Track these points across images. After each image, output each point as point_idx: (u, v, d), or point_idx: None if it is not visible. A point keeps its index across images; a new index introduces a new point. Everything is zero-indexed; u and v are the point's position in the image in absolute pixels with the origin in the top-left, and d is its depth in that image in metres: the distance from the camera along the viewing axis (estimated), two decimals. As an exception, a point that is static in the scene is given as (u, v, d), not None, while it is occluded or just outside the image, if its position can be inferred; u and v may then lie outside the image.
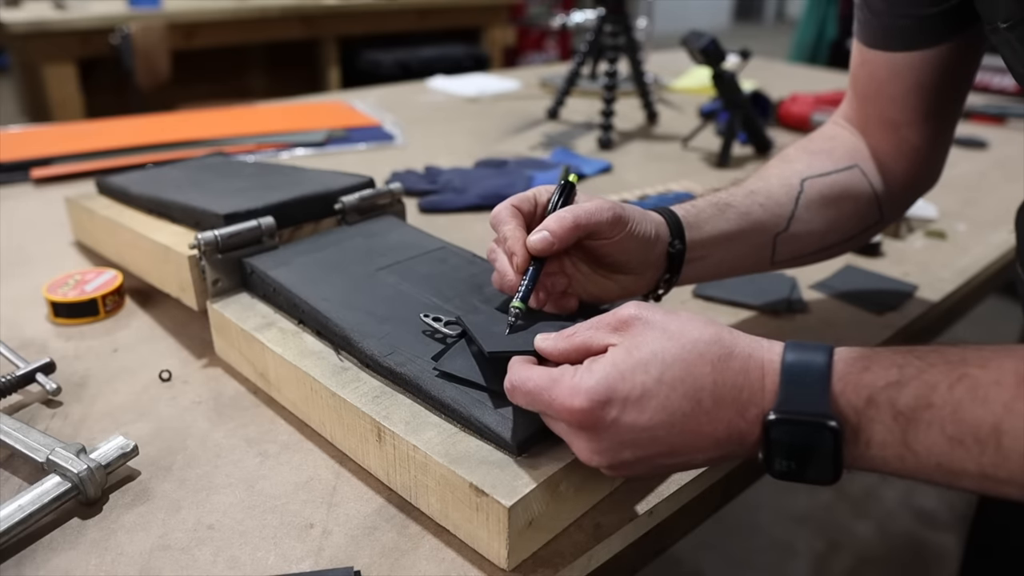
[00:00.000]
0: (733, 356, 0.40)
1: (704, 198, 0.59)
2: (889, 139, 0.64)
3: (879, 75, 0.62)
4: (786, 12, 10.38)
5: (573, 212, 0.49)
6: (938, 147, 0.65)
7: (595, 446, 0.40)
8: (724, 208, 0.58)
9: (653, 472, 0.42)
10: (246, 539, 0.45)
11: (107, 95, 2.83)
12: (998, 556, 0.82)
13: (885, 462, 0.38)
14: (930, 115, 0.62)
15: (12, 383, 0.57)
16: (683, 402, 0.39)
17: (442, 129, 1.40)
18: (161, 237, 0.67)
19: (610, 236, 0.51)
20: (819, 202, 0.61)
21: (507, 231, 0.51)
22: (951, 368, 0.36)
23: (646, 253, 0.53)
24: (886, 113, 0.63)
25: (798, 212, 0.61)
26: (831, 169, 0.63)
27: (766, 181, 0.62)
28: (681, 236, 0.55)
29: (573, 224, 0.49)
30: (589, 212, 0.50)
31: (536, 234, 0.49)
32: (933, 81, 0.60)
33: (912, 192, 0.68)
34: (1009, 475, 0.35)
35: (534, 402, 0.41)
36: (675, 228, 0.55)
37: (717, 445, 0.40)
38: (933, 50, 0.59)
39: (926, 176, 0.67)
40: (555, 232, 0.49)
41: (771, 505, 1.79)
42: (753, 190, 0.60)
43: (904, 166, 0.64)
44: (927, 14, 0.57)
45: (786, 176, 0.62)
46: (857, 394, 0.37)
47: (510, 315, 0.49)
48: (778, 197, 0.60)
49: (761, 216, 0.59)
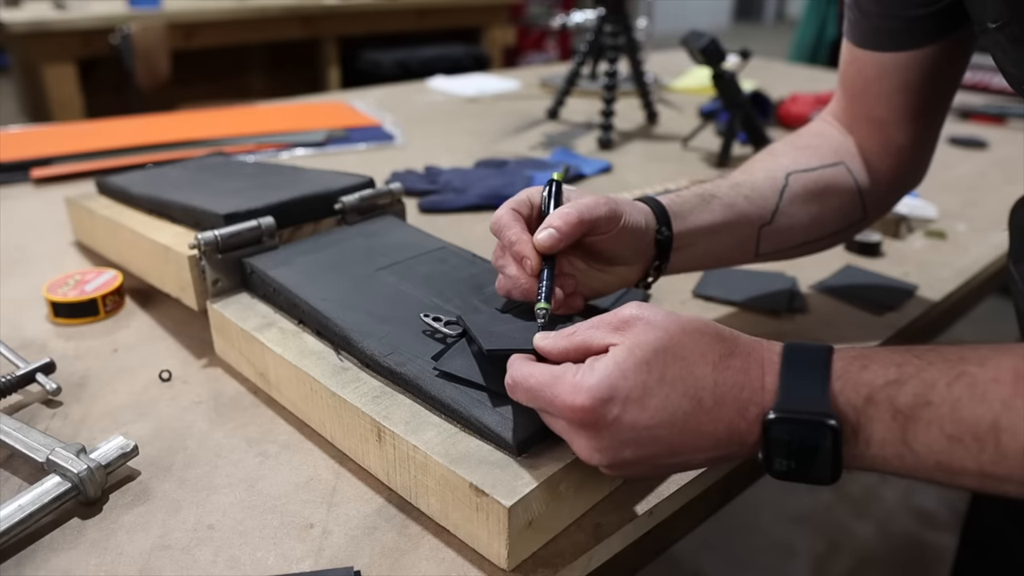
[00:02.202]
0: (734, 355, 0.40)
1: (688, 189, 0.60)
2: (876, 137, 0.65)
3: (867, 74, 0.63)
4: (786, 12, 10.39)
5: (576, 207, 0.50)
6: (924, 146, 0.66)
7: (596, 444, 0.40)
8: (709, 199, 0.59)
9: (653, 472, 0.42)
10: (246, 539, 0.45)
11: (107, 95, 2.83)
12: (991, 555, 0.82)
13: (885, 461, 0.38)
14: (917, 114, 0.63)
15: (12, 383, 0.57)
16: (684, 401, 0.39)
17: (442, 129, 1.40)
18: (161, 237, 0.67)
19: (607, 230, 0.51)
20: (803, 196, 0.62)
21: (512, 235, 0.51)
22: (949, 366, 0.36)
23: (638, 243, 0.54)
24: (873, 111, 0.64)
25: (782, 205, 0.61)
26: (816, 165, 0.64)
27: (751, 174, 0.62)
28: (667, 223, 0.56)
29: (578, 219, 0.50)
30: (590, 207, 0.50)
31: (542, 232, 0.50)
32: (920, 81, 0.61)
33: (897, 190, 0.69)
34: (1008, 472, 0.35)
35: (535, 399, 0.41)
36: (661, 216, 0.56)
37: (717, 445, 0.40)
38: (921, 51, 0.59)
39: (911, 175, 0.68)
40: (561, 228, 0.49)
41: (771, 505, 1.79)
42: (738, 182, 0.61)
43: (890, 164, 0.65)
44: (917, 15, 0.57)
45: (771, 169, 0.63)
46: (856, 392, 0.37)
47: (538, 317, 0.48)
48: (763, 190, 0.61)
49: (746, 208, 0.60)
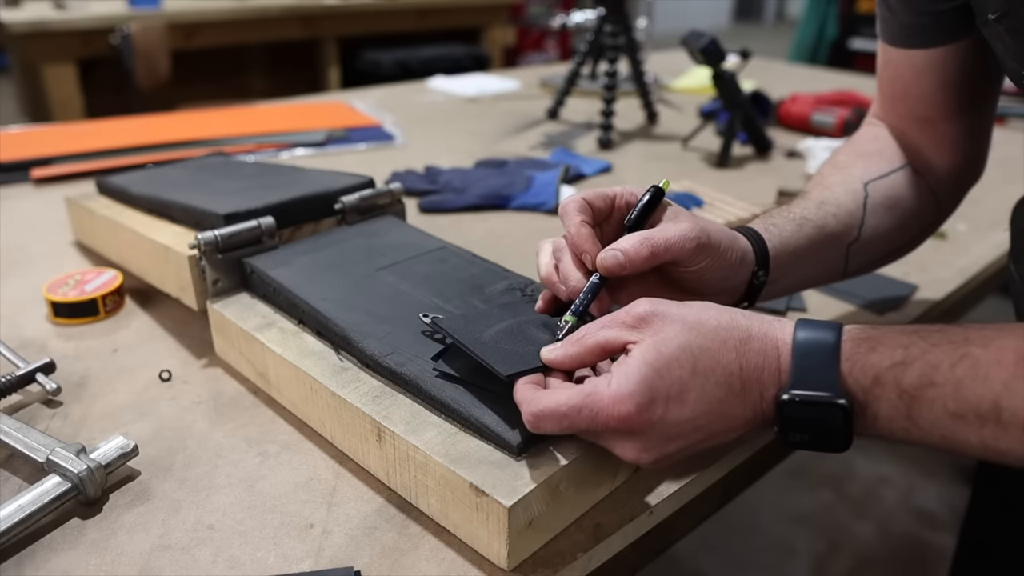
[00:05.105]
0: (752, 338, 0.41)
1: (779, 214, 0.57)
2: (927, 135, 0.63)
3: (904, 75, 0.62)
4: (786, 12, 10.38)
5: (652, 241, 0.47)
6: (979, 136, 0.64)
7: (642, 445, 0.41)
8: (802, 223, 0.56)
9: (688, 457, 0.43)
10: (246, 539, 0.45)
11: (107, 95, 2.83)
12: (991, 555, 0.82)
13: (891, 433, 0.40)
14: (963, 109, 0.61)
15: (12, 383, 0.57)
16: (717, 389, 0.40)
17: (442, 129, 1.40)
18: (161, 237, 0.67)
19: (689, 265, 0.49)
20: (884, 204, 0.60)
21: (571, 225, 0.49)
22: (954, 348, 0.38)
23: (727, 281, 0.51)
24: (917, 111, 0.62)
25: (867, 219, 0.59)
26: (888, 170, 0.62)
27: (831, 189, 0.60)
28: (766, 265, 0.53)
29: (650, 254, 0.47)
30: (670, 243, 0.47)
31: (609, 251, 0.47)
32: (959, 76, 0.59)
33: (961, 183, 0.66)
34: (1009, 447, 0.37)
35: (573, 424, 0.40)
36: (761, 255, 0.53)
37: (746, 423, 0.42)
38: (953, 46, 0.58)
39: (971, 166, 0.65)
40: (629, 256, 0.47)
41: (771, 505, 1.79)
42: (823, 201, 0.59)
43: (948, 159, 0.63)
44: (943, 9, 0.56)
45: (848, 182, 0.61)
46: (864, 374, 0.39)
47: (560, 329, 0.47)
48: (847, 205, 0.59)
49: (835, 228, 0.57)
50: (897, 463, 1.92)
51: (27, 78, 2.98)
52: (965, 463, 1.79)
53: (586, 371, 0.45)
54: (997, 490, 0.83)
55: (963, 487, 1.81)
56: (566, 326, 0.47)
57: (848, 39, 3.66)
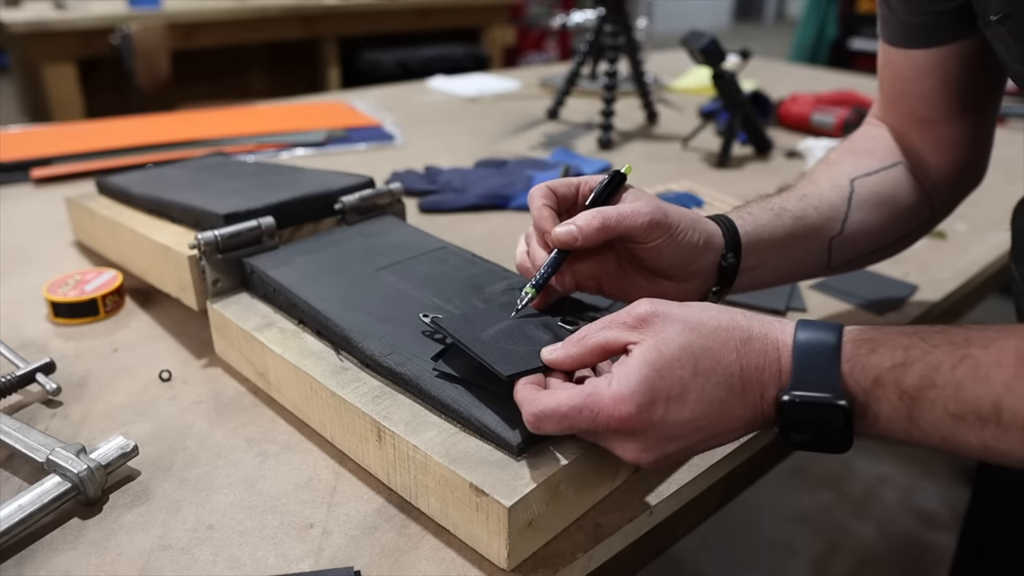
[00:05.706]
0: (752, 338, 0.41)
1: (758, 203, 0.58)
2: (926, 136, 0.63)
3: (904, 75, 0.62)
4: (786, 12, 10.38)
5: (604, 213, 0.49)
6: (979, 139, 0.64)
7: (643, 446, 0.41)
8: (780, 213, 0.57)
9: (688, 457, 0.43)
10: (246, 539, 0.45)
11: (107, 95, 2.83)
12: (990, 556, 0.82)
13: (892, 434, 0.40)
14: (963, 110, 0.61)
15: (12, 383, 0.57)
16: (717, 390, 0.40)
17: (442, 129, 1.40)
18: (161, 237, 0.67)
19: (644, 241, 0.50)
20: (871, 201, 0.61)
21: (534, 208, 0.51)
22: (954, 349, 0.38)
23: (690, 262, 0.52)
24: (917, 112, 0.62)
25: (851, 213, 0.60)
26: (878, 167, 0.62)
27: (817, 184, 0.61)
28: (736, 248, 0.54)
29: (601, 225, 0.49)
30: (622, 215, 0.49)
31: (564, 226, 0.49)
32: (960, 77, 0.59)
33: (960, 186, 0.66)
34: (1010, 448, 0.37)
35: (573, 424, 0.41)
36: (731, 239, 0.54)
37: (747, 424, 0.42)
38: (954, 46, 0.57)
39: (972, 169, 0.65)
40: (582, 228, 0.49)
41: (771, 505, 1.79)
42: (805, 193, 0.59)
43: (947, 160, 0.63)
44: (944, 9, 0.56)
45: (835, 177, 0.61)
46: (865, 375, 0.39)
47: (519, 299, 0.48)
48: (831, 199, 0.59)
49: (816, 220, 0.58)
50: (897, 463, 1.92)
51: (27, 78, 2.98)
52: (965, 463, 1.79)
53: (586, 371, 0.45)
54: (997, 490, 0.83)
55: (963, 487, 1.81)
56: (526, 297, 0.49)
57: (848, 39, 3.66)
